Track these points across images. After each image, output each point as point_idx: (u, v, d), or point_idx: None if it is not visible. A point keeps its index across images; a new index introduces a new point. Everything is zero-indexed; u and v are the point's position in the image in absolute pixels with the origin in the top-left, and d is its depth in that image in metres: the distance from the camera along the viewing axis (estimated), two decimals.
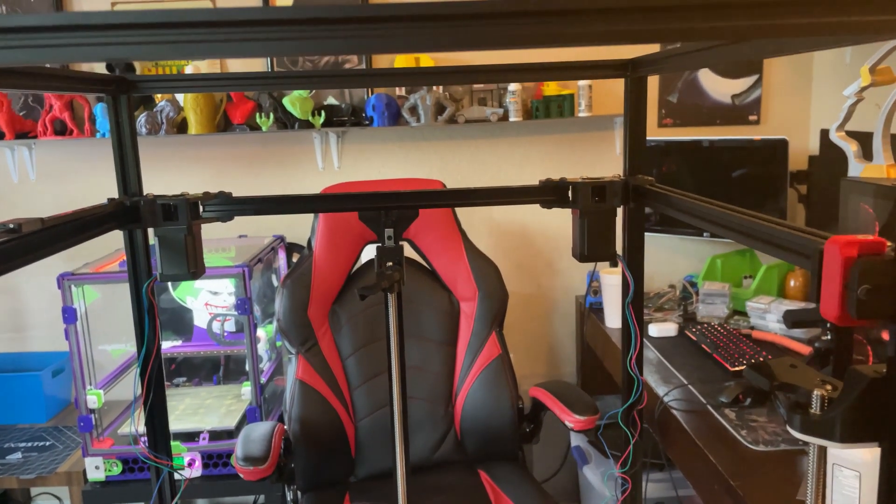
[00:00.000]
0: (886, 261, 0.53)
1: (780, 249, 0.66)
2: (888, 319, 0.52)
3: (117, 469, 2.13)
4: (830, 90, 2.54)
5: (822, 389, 0.58)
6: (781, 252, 0.66)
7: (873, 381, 0.54)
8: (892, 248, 0.54)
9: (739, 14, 0.61)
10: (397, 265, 1.07)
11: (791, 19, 0.60)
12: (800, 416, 0.58)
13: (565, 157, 2.65)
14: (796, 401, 0.59)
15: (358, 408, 2.00)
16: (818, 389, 0.57)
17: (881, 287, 0.52)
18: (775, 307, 2.14)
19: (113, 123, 1.11)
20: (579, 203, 1.09)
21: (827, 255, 0.55)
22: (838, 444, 0.55)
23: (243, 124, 2.47)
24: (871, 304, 0.52)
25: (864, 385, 0.54)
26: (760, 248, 0.70)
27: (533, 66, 1.17)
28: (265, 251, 2.35)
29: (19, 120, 2.47)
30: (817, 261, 0.56)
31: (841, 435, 0.55)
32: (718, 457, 1.44)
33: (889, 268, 0.52)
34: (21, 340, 2.69)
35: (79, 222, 0.91)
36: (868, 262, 0.52)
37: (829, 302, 0.54)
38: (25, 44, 0.62)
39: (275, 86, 2.03)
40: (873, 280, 0.52)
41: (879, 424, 0.54)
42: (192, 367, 2.54)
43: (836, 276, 0.53)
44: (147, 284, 1.15)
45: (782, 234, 0.65)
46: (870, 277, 0.52)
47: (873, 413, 0.55)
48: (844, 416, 0.55)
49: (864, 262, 0.52)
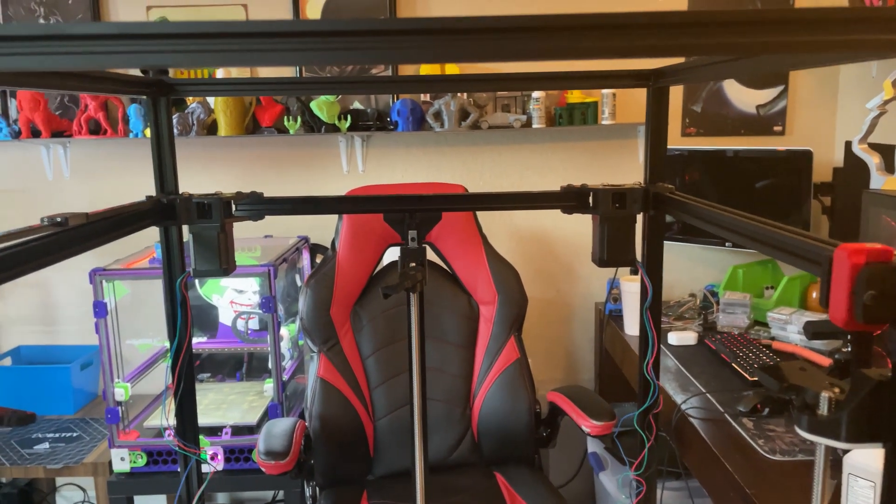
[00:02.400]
0: (892, 268, 0.55)
1: (792, 256, 0.68)
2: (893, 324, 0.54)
3: (142, 461, 2.18)
4: (856, 102, 2.53)
5: (829, 391, 0.60)
6: (793, 258, 0.68)
7: (879, 383, 0.56)
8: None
9: (760, 31, 0.64)
10: (420, 265, 1.10)
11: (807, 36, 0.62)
12: (807, 417, 0.60)
13: (588, 164, 2.66)
14: (804, 402, 0.61)
15: (377, 407, 2.04)
16: (826, 391, 0.59)
17: (887, 293, 0.54)
18: (796, 318, 2.14)
19: (152, 124, 1.16)
20: (599, 209, 1.12)
21: (836, 261, 0.57)
22: (844, 444, 0.57)
23: (271, 127, 2.52)
24: (877, 309, 0.54)
25: (870, 387, 0.56)
26: (773, 254, 0.72)
27: (557, 75, 1.20)
28: (290, 251, 2.39)
29: (55, 119, 2.54)
30: (827, 267, 0.58)
31: (846, 435, 0.57)
32: (735, 466, 1.45)
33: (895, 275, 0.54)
34: (51, 334, 2.76)
35: (120, 218, 0.95)
36: (874, 269, 0.54)
37: (837, 306, 0.56)
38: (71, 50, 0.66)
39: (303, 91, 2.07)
40: (879, 286, 0.54)
41: (884, 426, 0.56)
42: (217, 364, 2.59)
43: (844, 282, 0.55)
44: (181, 279, 1.19)
45: (794, 241, 0.67)
46: (876, 284, 0.54)
47: (879, 415, 0.56)
48: (850, 417, 0.57)
49: (870, 269, 0.55)
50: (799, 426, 0.61)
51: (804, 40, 0.63)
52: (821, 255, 0.60)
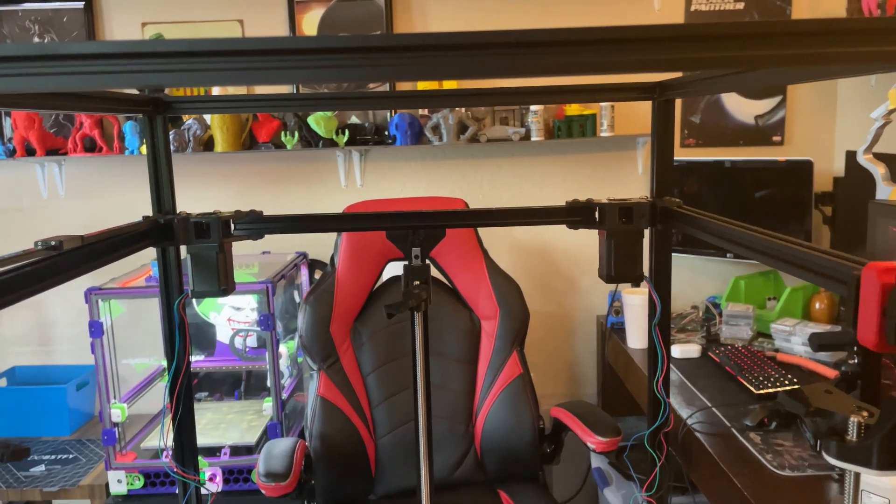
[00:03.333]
0: None
1: (814, 274, 0.66)
2: None
3: (139, 483, 2.14)
4: (855, 112, 2.53)
5: (858, 416, 0.57)
6: (815, 277, 0.66)
7: None
8: None
9: (764, 44, 0.62)
10: (424, 284, 1.08)
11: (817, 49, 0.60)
12: (836, 443, 0.57)
13: (587, 176, 2.65)
14: (832, 427, 0.58)
15: (378, 425, 2.00)
16: (855, 416, 0.57)
17: None
18: (800, 329, 2.12)
19: (149, 143, 1.14)
20: (606, 224, 1.10)
21: (864, 281, 0.55)
22: (875, 472, 0.55)
23: (268, 142, 2.50)
24: None
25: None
26: (794, 272, 0.70)
27: (559, 89, 1.18)
28: (288, 268, 2.37)
29: (50, 137, 2.52)
30: (854, 287, 0.56)
31: (878, 462, 0.55)
32: (743, 481, 1.42)
33: None
34: (46, 354, 2.73)
35: (116, 240, 0.93)
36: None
37: (866, 329, 0.54)
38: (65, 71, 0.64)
39: (300, 107, 2.05)
40: None
41: None
42: (214, 382, 2.56)
43: (873, 303, 0.53)
44: (179, 301, 1.17)
45: (817, 258, 0.65)
46: None
47: None
48: (882, 444, 0.55)
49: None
50: (827, 452, 0.59)
51: (811, 53, 0.61)
52: (846, 274, 0.58)
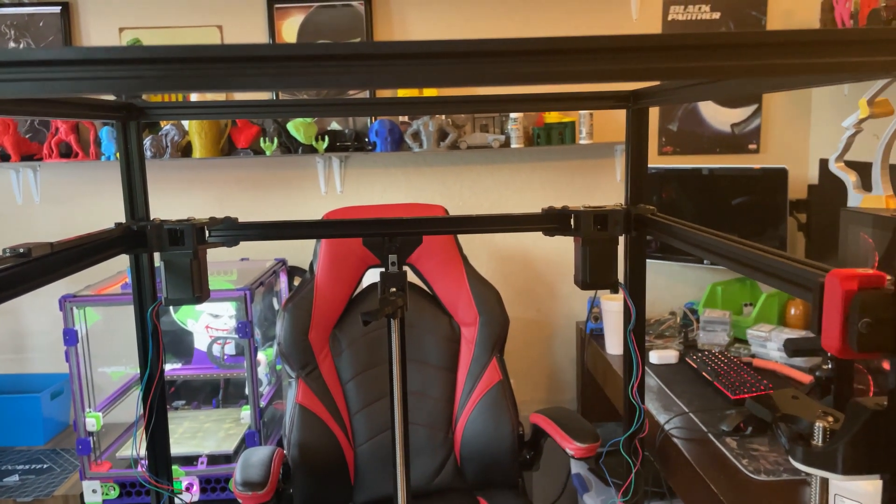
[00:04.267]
0: (886, 294, 0.53)
1: (781, 281, 0.67)
2: (889, 352, 0.52)
3: (114, 493, 2.11)
4: (829, 120, 2.57)
5: (824, 421, 0.58)
6: (782, 284, 0.67)
7: (875, 413, 0.54)
8: (891, 281, 0.55)
9: (739, 55, 0.63)
10: (400, 291, 1.08)
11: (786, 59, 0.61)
12: (802, 448, 0.58)
13: (566, 183, 2.66)
14: (798, 432, 0.59)
15: (357, 433, 2.00)
16: (820, 421, 0.58)
17: (882, 320, 0.53)
18: (776, 335, 2.15)
19: (122, 149, 1.13)
20: (581, 231, 1.11)
21: (828, 288, 0.56)
22: (840, 477, 0.55)
23: (247, 148, 2.49)
24: (872, 338, 0.53)
25: (865, 417, 0.55)
26: (762, 279, 0.71)
27: (536, 97, 1.19)
28: (267, 274, 2.35)
29: (25, 142, 2.49)
30: (818, 294, 0.57)
31: (843, 467, 0.55)
32: (719, 486, 1.43)
33: (889, 301, 0.53)
34: (20, 362, 2.69)
35: (87, 247, 0.92)
36: (868, 296, 0.53)
37: (830, 335, 0.55)
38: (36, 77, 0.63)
39: (279, 113, 2.05)
40: (874, 313, 0.53)
41: (881, 457, 0.55)
42: (192, 390, 2.53)
43: (836, 310, 0.54)
44: (152, 309, 1.15)
45: (783, 266, 0.66)
46: (870, 311, 0.53)
47: (875, 445, 0.55)
48: (846, 449, 0.55)
49: (864, 296, 0.53)
50: (793, 457, 0.59)
51: (785, 63, 0.62)
52: (811, 281, 0.59)
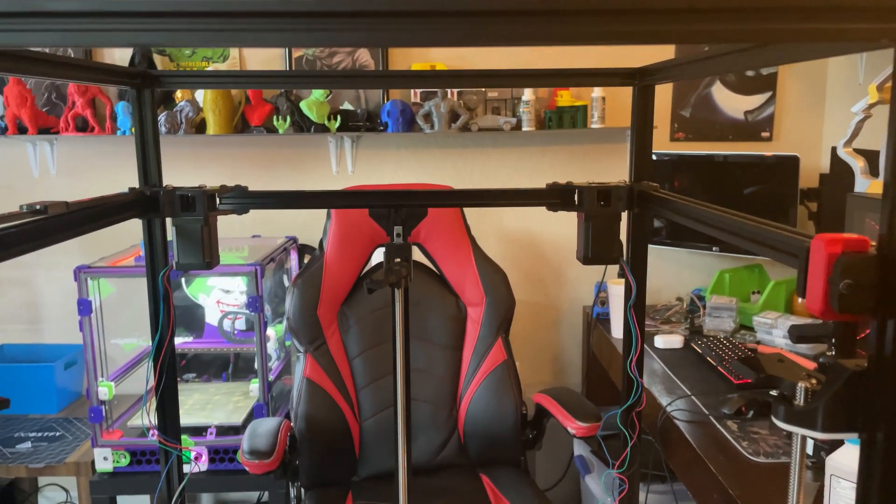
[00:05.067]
0: (869, 258, 0.55)
1: (770, 248, 0.68)
2: (868, 313, 0.54)
3: (125, 461, 2.16)
4: (843, 108, 2.55)
5: (806, 382, 0.60)
6: (769, 251, 0.68)
7: (854, 373, 0.56)
8: (875, 246, 0.56)
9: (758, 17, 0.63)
10: (405, 261, 1.10)
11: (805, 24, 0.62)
12: (784, 407, 0.60)
13: (577, 167, 2.67)
14: (782, 393, 0.61)
15: (363, 408, 2.03)
16: (802, 382, 0.60)
17: (863, 283, 0.54)
18: (782, 322, 2.15)
19: (136, 116, 1.15)
20: (584, 207, 1.12)
21: (813, 251, 0.57)
22: (819, 434, 0.57)
23: (260, 126, 2.52)
24: (853, 299, 0.54)
25: (845, 377, 0.56)
26: (750, 247, 0.72)
27: (543, 72, 1.20)
28: (277, 251, 2.38)
29: (42, 115, 2.53)
30: (804, 258, 0.58)
31: (822, 425, 0.57)
32: (719, 467, 1.45)
33: (871, 264, 0.54)
34: (35, 332, 2.74)
35: (101, 208, 0.94)
36: (851, 259, 0.55)
37: (813, 296, 0.56)
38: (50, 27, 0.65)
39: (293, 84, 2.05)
40: (855, 276, 0.55)
41: (860, 416, 0.56)
42: (202, 364, 2.57)
43: (820, 272, 0.55)
44: (163, 273, 1.18)
45: (772, 233, 0.67)
46: (852, 273, 0.54)
47: (854, 405, 0.57)
48: (826, 407, 0.57)
49: (847, 258, 0.55)
50: (776, 416, 0.61)
51: (807, 28, 0.63)
52: (797, 246, 0.61)
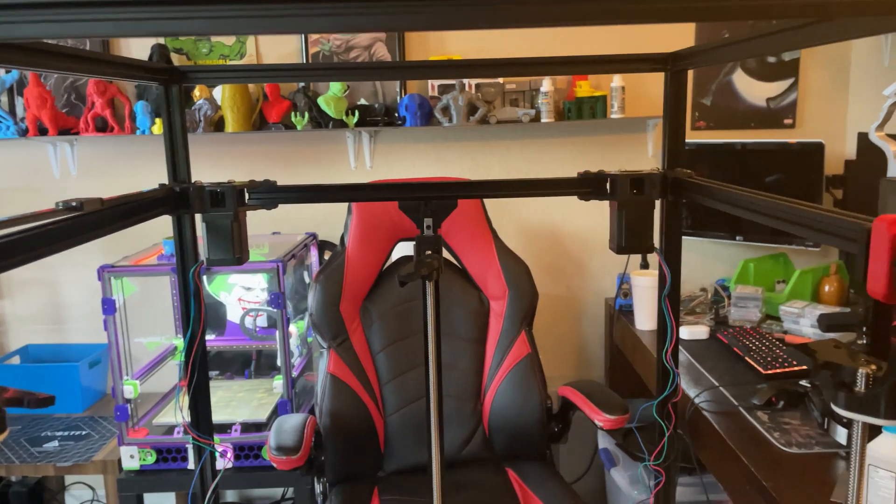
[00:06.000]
0: None
1: (825, 234, 0.66)
2: None
3: (151, 458, 2.17)
4: (868, 93, 2.51)
5: (867, 368, 0.58)
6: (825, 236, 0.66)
7: None
8: None
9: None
10: (436, 253, 1.09)
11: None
12: (844, 394, 0.58)
13: (597, 158, 2.65)
14: (841, 379, 0.59)
15: (387, 403, 2.02)
16: (863, 367, 0.58)
17: None
18: (809, 311, 2.13)
19: (164, 113, 1.15)
20: (617, 195, 1.10)
21: (875, 233, 0.56)
22: (882, 421, 0.56)
23: (279, 123, 2.51)
24: None
25: None
26: (804, 233, 0.70)
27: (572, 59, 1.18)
28: (298, 248, 2.38)
29: (62, 117, 2.54)
30: (864, 240, 0.57)
31: (885, 411, 0.55)
32: (751, 458, 1.43)
33: None
34: (59, 332, 2.76)
35: (134, 204, 0.94)
36: None
37: (876, 279, 0.55)
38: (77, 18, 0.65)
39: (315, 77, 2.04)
40: None
41: None
42: (225, 361, 2.58)
43: (884, 254, 0.54)
44: (194, 269, 1.18)
45: (827, 217, 0.65)
46: None
47: None
48: (889, 393, 0.55)
49: None
50: (835, 403, 0.59)
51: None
52: (857, 230, 0.59)
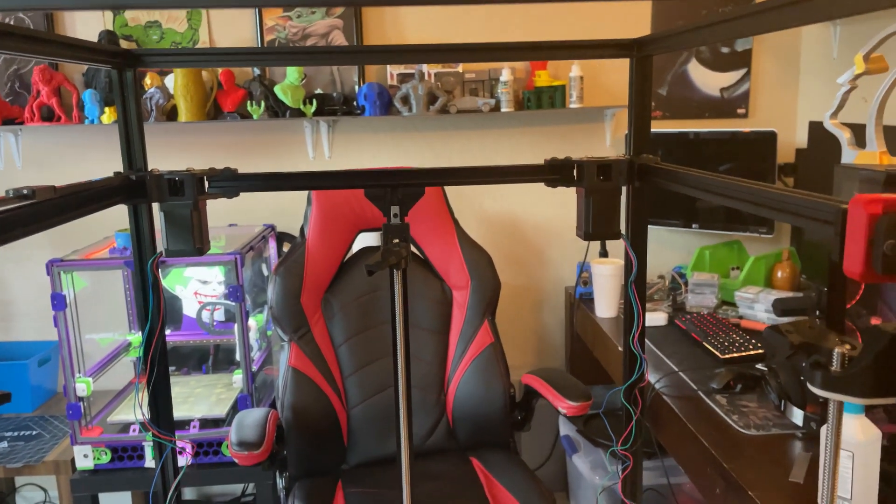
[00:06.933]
0: None
1: (799, 217, 0.67)
2: None
3: (106, 457, 2.10)
4: (817, 84, 2.58)
5: (842, 348, 0.59)
6: (800, 219, 0.67)
7: (894, 337, 0.55)
8: None
9: None
10: (403, 242, 1.08)
11: None
12: (821, 374, 0.59)
13: (556, 148, 2.66)
14: (817, 360, 0.60)
15: (350, 395, 2.00)
16: (839, 347, 0.59)
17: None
18: (763, 297, 2.17)
19: (118, 97, 1.10)
20: (585, 181, 1.10)
21: (851, 213, 0.56)
22: (859, 399, 0.56)
23: (234, 112, 2.45)
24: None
25: (884, 342, 0.55)
26: (778, 217, 0.71)
27: (538, 45, 1.18)
28: (256, 240, 2.33)
29: (6, 106, 2.43)
30: (841, 220, 0.57)
31: (861, 391, 0.56)
32: (711, 441, 1.45)
33: None
34: (6, 330, 2.65)
35: (88, 193, 0.90)
36: (893, 218, 0.54)
37: (852, 259, 0.55)
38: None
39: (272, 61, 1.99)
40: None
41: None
42: (181, 357, 2.52)
43: (860, 234, 0.54)
44: (152, 260, 1.14)
45: (801, 200, 0.66)
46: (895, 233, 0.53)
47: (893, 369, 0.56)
48: (864, 373, 0.56)
49: (889, 218, 0.54)
50: (812, 383, 0.60)
51: None
52: (832, 211, 0.59)
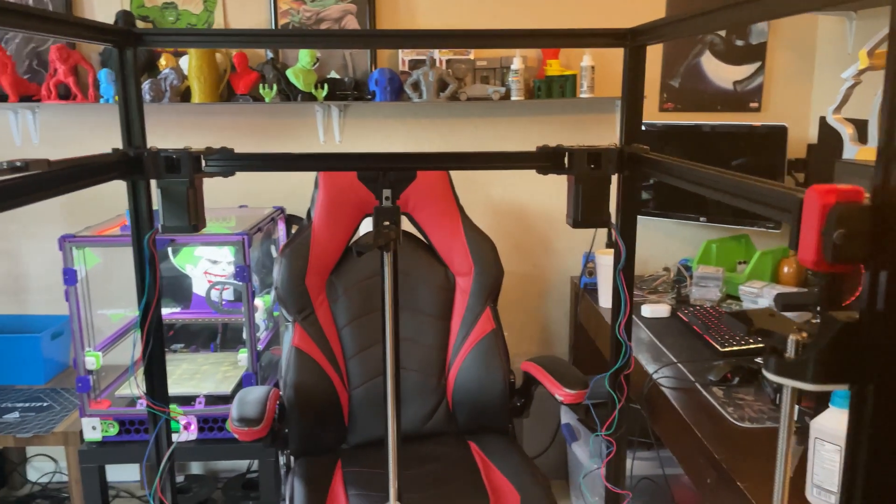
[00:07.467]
0: (863, 207, 0.55)
1: (761, 205, 0.68)
2: (862, 263, 0.54)
3: (114, 430, 2.15)
4: (832, 78, 2.55)
5: (797, 335, 0.60)
6: (762, 207, 0.68)
7: (846, 325, 0.56)
8: (869, 197, 0.56)
9: None
10: (394, 224, 1.09)
11: None
12: (774, 360, 0.60)
13: (566, 137, 2.66)
14: (773, 346, 0.61)
15: (352, 376, 2.03)
16: (793, 335, 0.60)
17: (857, 232, 0.54)
18: (767, 291, 2.17)
19: (118, 75, 1.13)
20: (574, 169, 1.11)
21: (806, 202, 0.57)
22: (810, 385, 0.57)
23: (246, 95, 2.48)
24: (847, 249, 0.54)
25: (836, 329, 0.56)
26: (742, 204, 0.72)
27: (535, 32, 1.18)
28: (265, 221, 2.37)
29: (23, 83, 2.48)
30: (797, 210, 0.58)
31: (812, 377, 0.57)
32: (705, 433, 1.46)
33: (865, 214, 0.54)
34: (21, 303, 2.72)
35: (83, 168, 0.92)
36: (845, 208, 0.54)
37: (806, 248, 0.56)
38: None
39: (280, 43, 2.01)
40: (849, 225, 0.54)
41: (850, 368, 0.56)
42: (190, 334, 2.57)
43: (813, 223, 0.55)
44: (149, 236, 1.17)
45: (763, 189, 0.67)
46: (846, 223, 0.54)
47: (845, 357, 0.57)
48: (817, 359, 0.57)
49: (840, 208, 0.54)
50: (766, 369, 0.61)
51: None
52: (791, 200, 0.60)
